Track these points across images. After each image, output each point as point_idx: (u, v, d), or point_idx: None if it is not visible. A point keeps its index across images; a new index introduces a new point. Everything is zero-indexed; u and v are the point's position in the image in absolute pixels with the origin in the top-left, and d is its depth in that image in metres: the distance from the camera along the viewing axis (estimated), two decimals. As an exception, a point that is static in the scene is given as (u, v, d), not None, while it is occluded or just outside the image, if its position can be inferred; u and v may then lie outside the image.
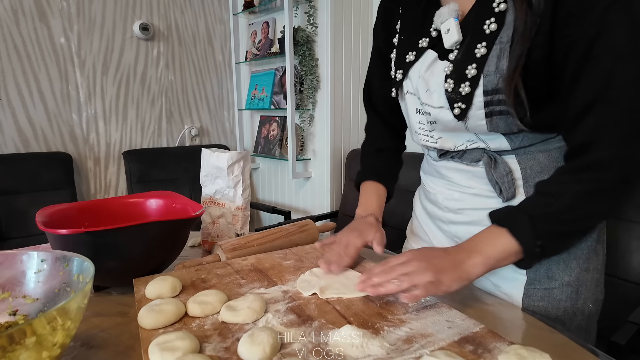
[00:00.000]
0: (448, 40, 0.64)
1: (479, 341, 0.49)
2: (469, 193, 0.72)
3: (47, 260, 0.55)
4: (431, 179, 0.81)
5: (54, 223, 0.74)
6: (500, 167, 0.67)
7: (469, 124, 0.64)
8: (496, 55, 0.59)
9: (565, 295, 0.67)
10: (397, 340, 0.49)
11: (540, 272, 0.67)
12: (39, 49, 1.93)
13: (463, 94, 0.62)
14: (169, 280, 0.63)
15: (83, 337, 0.57)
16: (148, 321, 0.52)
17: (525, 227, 0.57)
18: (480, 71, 0.60)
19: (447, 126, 0.68)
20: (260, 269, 0.72)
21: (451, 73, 0.63)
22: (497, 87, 0.59)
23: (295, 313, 0.56)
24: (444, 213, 0.77)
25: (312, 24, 2.05)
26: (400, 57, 0.74)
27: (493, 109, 0.61)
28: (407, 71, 0.72)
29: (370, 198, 0.86)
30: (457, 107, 0.63)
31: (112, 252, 0.67)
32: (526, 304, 0.68)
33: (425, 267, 0.57)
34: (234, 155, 0.91)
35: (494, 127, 0.63)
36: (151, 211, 0.88)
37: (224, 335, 0.51)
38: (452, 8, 0.63)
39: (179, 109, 2.46)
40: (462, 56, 0.62)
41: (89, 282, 0.46)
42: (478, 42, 0.60)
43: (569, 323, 0.68)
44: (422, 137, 0.74)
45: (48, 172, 1.89)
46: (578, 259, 0.67)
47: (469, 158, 0.70)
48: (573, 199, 0.56)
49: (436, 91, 0.66)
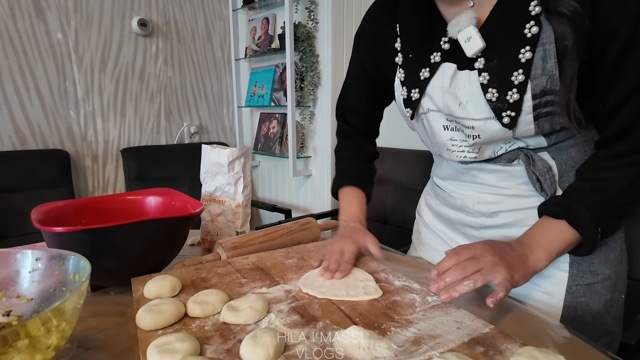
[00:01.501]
0: (471, 49, 0.62)
1: (490, 342, 0.47)
2: (505, 194, 0.70)
3: (42, 259, 0.53)
4: (455, 184, 0.78)
5: (50, 221, 0.72)
6: (538, 164, 0.66)
7: (517, 131, 0.63)
8: (541, 57, 0.57)
9: (605, 288, 0.67)
10: (404, 341, 0.47)
11: (583, 267, 0.67)
12: (35, 45, 1.91)
13: (511, 101, 0.60)
14: (168, 279, 0.61)
15: (79, 338, 0.56)
16: (147, 322, 0.51)
17: (585, 216, 0.58)
18: (527, 76, 0.58)
19: (494, 136, 0.64)
20: (262, 267, 0.70)
21: (490, 82, 0.61)
22: (545, 89, 0.58)
23: (299, 313, 0.54)
24: (474, 219, 0.75)
25: (313, 19, 2.03)
26: (413, 75, 0.70)
27: (540, 111, 0.60)
28: (424, 89, 0.69)
29: (352, 204, 0.85)
30: (506, 115, 0.61)
31: (110, 250, 0.66)
32: (568, 301, 0.67)
33: (499, 262, 0.55)
34: (234, 152, 0.89)
35: (541, 129, 0.62)
36: (150, 209, 0.86)
37: (225, 336, 0.49)
38: (470, 16, 0.61)
39: (178, 106, 2.43)
40: (501, 63, 0.60)
41: (85, 281, 0.45)
42: (521, 47, 0.58)
43: (607, 316, 0.68)
44: (458, 153, 0.70)
45: (45, 170, 1.86)
46: (615, 251, 0.68)
47: (504, 159, 0.69)
48: (626, 182, 0.58)
49: (470, 102, 0.63)
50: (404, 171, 1.71)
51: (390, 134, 1.98)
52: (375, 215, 1.76)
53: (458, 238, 0.80)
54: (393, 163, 1.76)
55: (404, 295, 0.60)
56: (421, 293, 0.60)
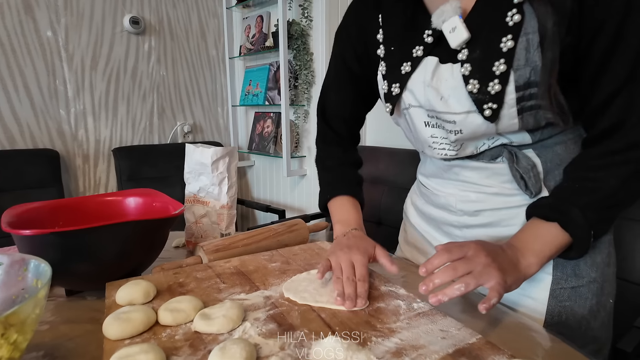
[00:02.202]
0: (455, 39, 0.58)
1: (476, 354, 0.44)
2: (488, 193, 0.67)
3: (3, 265, 0.50)
4: (438, 182, 0.75)
5: (23, 223, 0.69)
6: (522, 162, 0.63)
7: (500, 125, 0.59)
8: (524, 47, 0.54)
9: (591, 292, 0.64)
10: (385, 352, 0.44)
11: (567, 269, 0.64)
12: (24, 43, 1.88)
13: (493, 92, 0.57)
14: (141, 284, 0.58)
15: (48, 347, 0.53)
16: (113, 331, 0.48)
17: (577, 218, 0.55)
18: (509, 66, 0.55)
19: (476, 132, 0.61)
20: (244, 272, 0.68)
21: (472, 73, 0.58)
22: (529, 81, 0.55)
23: (276, 322, 0.51)
24: (457, 217, 0.72)
25: (307, 17, 2.00)
26: (393, 69, 0.67)
27: (524, 104, 0.57)
28: (405, 83, 0.66)
29: (349, 211, 0.78)
30: (487, 108, 0.58)
31: (84, 254, 0.63)
32: (552, 306, 0.64)
33: (491, 264, 0.52)
34: (218, 151, 0.86)
35: (525, 124, 0.59)
36: (129, 210, 0.83)
37: (195, 346, 0.46)
38: (455, 5, 0.58)
39: (171, 105, 2.40)
40: (483, 53, 0.57)
41: (42, 288, 0.42)
42: (502, 36, 0.55)
43: (593, 321, 0.64)
44: (439, 150, 0.68)
45: (34, 170, 1.83)
46: (602, 254, 0.65)
47: (487, 156, 0.66)
48: (618, 181, 0.55)
49: (452, 96, 0.60)
50: (399, 171, 1.68)
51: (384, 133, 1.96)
52: (370, 215, 1.73)
53: (442, 238, 0.77)
54: (388, 163, 1.73)
55: (388, 302, 0.57)
56: (407, 299, 0.57)
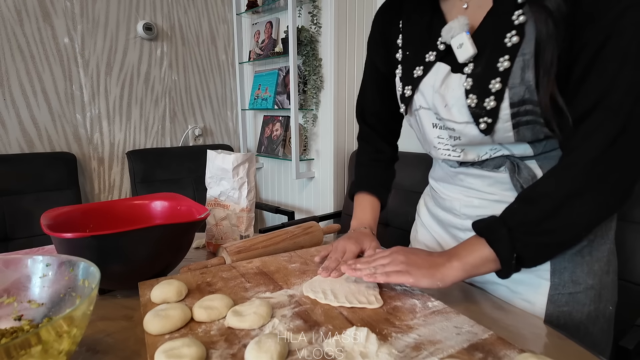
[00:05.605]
0: (462, 55, 0.62)
1: (489, 349, 0.48)
2: (490, 200, 0.71)
3: (52, 265, 0.55)
4: (445, 186, 0.80)
5: (59, 226, 0.74)
6: (524, 173, 0.66)
7: (495, 137, 0.63)
8: (520, 67, 0.57)
9: (589, 299, 0.67)
10: (405, 347, 0.49)
11: (565, 276, 0.67)
12: (42, 49, 1.94)
13: (488, 108, 0.60)
14: (174, 284, 0.62)
15: (88, 342, 0.57)
16: (154, 326, 0.52)
17: (502, 238, 0.58)
18: (505, 85, 0.58)
19: (473, 140, 0.66)
20: (266, 272, 0.72)
21: (472, 88, 0.62)
22: (524, 99, 0.58)
23: (302, 318, 0.55)
24: (461, 220, 0.76)
25: (316, 24, 2.05)
26: (407, 72, 0.72)
27: (520, 119, 0.60)
28: (417, 86, 0.70)
29: (365, 211, 0.87)
30: (482, 122, 0.62)
31: (118, 255, 0.67)
32: (550, 310, 0.67)
33: (400, 260, 0.62)
34: (239, 157, 0.90)
35: (521, 137, 0.62)
36: (156, 213, 0.87)
37: (230, 341, 0.50)
38: (463, 22, 0.62)
39: (183, 109, 2.46)
40: (483, 70, 0.61)
41: (95, 288, 0.46)
42: (499, 56, 0.58)
43: (592, 327, 0.67)
44: (443, 151, 0.72)
45: (52, 173, 1.89)
46: (600, 262, 0.67)
47: (490, 165, 0.69)
48: (556, 201, 0.56)
49: (455, 106, 0.65)
50: (406, 174, 1.71)
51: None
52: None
53: (448, 239, 0.81)
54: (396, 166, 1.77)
55: (405, 301, 0.61)
56: (422, 298, 0.61)
